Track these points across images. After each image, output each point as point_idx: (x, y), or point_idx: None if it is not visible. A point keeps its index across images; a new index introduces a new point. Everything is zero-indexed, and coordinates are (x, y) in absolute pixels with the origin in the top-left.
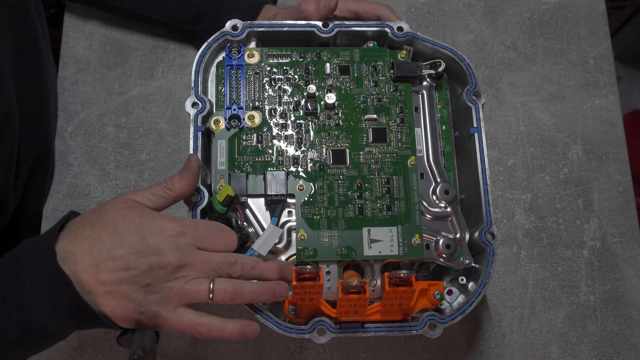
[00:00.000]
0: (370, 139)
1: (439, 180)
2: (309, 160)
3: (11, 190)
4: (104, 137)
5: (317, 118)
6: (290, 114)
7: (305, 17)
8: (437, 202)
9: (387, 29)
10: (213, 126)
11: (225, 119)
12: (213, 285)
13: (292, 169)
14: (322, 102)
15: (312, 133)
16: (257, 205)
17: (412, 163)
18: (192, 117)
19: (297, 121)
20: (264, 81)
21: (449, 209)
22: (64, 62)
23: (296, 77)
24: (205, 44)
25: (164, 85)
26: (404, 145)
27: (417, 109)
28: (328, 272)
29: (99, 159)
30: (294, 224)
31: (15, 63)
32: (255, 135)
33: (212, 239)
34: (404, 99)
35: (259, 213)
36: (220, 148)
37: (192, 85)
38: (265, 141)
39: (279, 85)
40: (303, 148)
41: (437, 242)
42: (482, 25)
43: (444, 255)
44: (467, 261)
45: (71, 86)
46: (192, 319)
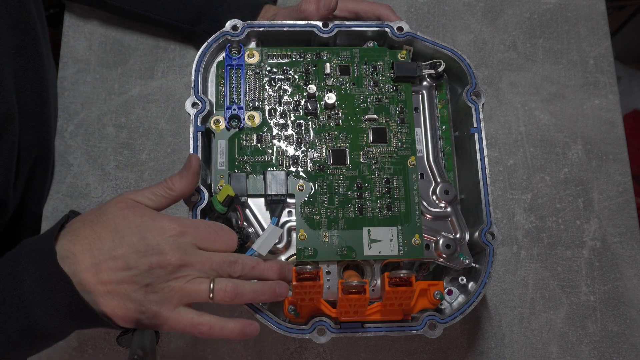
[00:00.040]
0: (370, 139)
1: (439, 180)
2: (309, 160)
3: (11, 190)
4: (104, 137)
5: (317, 118)
6: (290, 114)
7: (305, 17)
8: (437, 202)
9: (387, 29)
10: (213, 126)
11: (225, 119)
12: (213, 284)
13: (292, 169)
14: (322, 102)
15: (312, 133)
16: (257, 205)
17: (412, 163)
18: (192, 117)
19: (297, 121)
20: (264, 81)
21: (449, 209)
22: (64, 62)
23: (296, 77)
24: (205, 44)
25: (164, 85)
26: (404, 145)
27: (417, 109)
28: (328, 272)
29: (99, 159)
30: (294, 224)
31: (16, 63)
32: (255, 135)
33: (213, 239)
34: (404, 99)
35: (259, 213)
36: (220, 148)
37: (192, 85)
38: (265, 141)
39: (279, 85)
40: (303, 148)
41: (437, 242)
42: (482, 25)
43: (444, 255)
44: (467, 261)
45: (71, 86)
46: (192, 319)
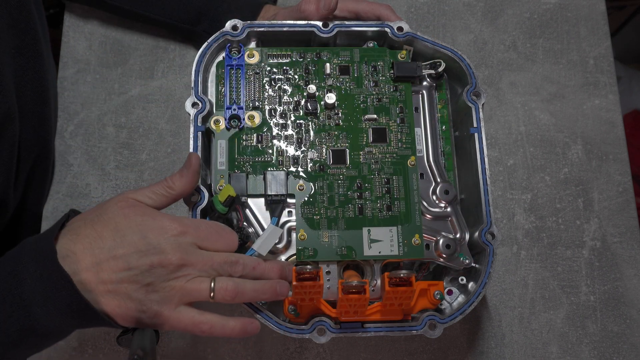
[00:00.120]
0: (370, 139)
1: (439, 180)
2: (309, 160)
3: (11, 190)
4: (104, 137)
5: (317, 118)
6: (290, 114)
7: (305, 17)
8: (437, 202)
9: (387, 29)
10: (213, 126)
11: (225, 119)
12: (214, 284)
13: (292, 169)
14: (322, 102)
15: (312, 133)
16: (257, 205)
17: (412, 163)
18: (192, 117)
19: (297, 121)
20: (264, 81)
21: (449, 209)
22: (64, 62)
23: (296, 77)
24: (205, 44)
25: (164, 85)
26: (404, 145)
27: (417, 109)
28: (328, 272)
29: (99, 159)
30: (294, 224)
31: (16, 63)
32: (255, 135)
33: (214, 239)
34: (404, 99)
35: (259, 213)
36: (220, 148)
37: (192, 85)
38: (265, 141)
39: (279, 85)
40: (303, 148)
41: (437, 242)
42: (482, 25)
43: (444, 255)
44: (467, 261)
45: (71, 86)
46: (193, 317)
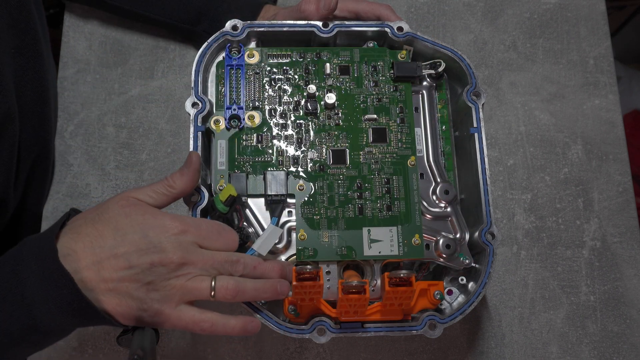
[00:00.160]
0: (370, 139)
1: (439, 180)
2: (309, 160)
3: (11, 189)
4: (104, 137)
5: (317, 118)
6: (290, 114)
7: (305, 17)
8: (437, 202)
9: (387, 29)
10: (213, 126)
11: (225, 119)
12: (215, 282)
13: (292, 169)
14: (322, 102)
15: (312, 133)
16: (257, 205)
17: (412, 163)
18: (192, 117)
19: (297, 121)
20: (264, 81)
21: (449, 209)
22: (64, 62)
23: (296, 77)
24: (205, 44)
25: (164, 85)
26: (404, 145)
27: (417, 109)
28: (328, 272)
29: (99, 159)
30: (294, 224)
31: (16, 62)
32: (255, 135)
33: (214, 238)
34: (404, 99)
35: (259, 213)
36: (220, 148)
37: (192, 85)
38: (265, 141)
39: (279, 85)
40: (303, 148)
41: (437, 242)
42: (482, 25)
43: (444, 255)
44: (467, 261)
45: (71, 86)
46: (194, 316)
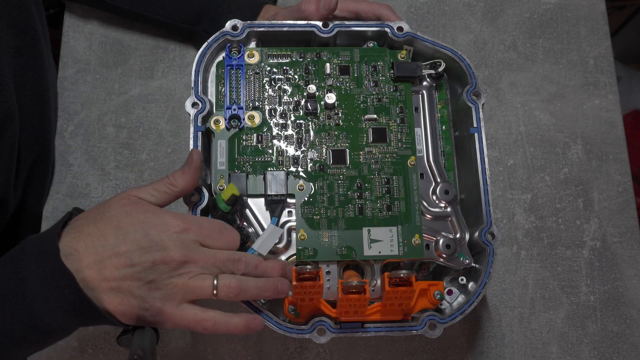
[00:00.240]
0: (370, 139)
1: (439, 180)
2: (309, 160)
3: (11, 189)
4: (104, 137)
5: (317, 118)
6: (290, 114)
7: (305, 17)
8: (437, 202)
9: (387, 29)
10: (213, 126)
11: (225, 119)
12: (217, 281)
13: (292, 169)
14: (322, 102)
15: (312, 133)
16: (257, 205)
17: (412, 163)
18: (192, 117)
19: (297, 121)
20: (264, 81)
21: (449, 209)
22: (64, 62)
23: (296, 77)
24: (205, 44)
25: (164, 85)
26: (404, 145)
27: (417, 109)
28: (328, 272)
29: (99, 159)
30: (294, 224)
31: (16, 62)
32: (255, 135)
33: (216, 236)
34: (404, 99)
35: (259, 213)
36: (220, 148)
37: (192, 85)
38: (265, 141)
39: (279, 85)
40: (303, 148)
41: (437, 242)
42: (482, 25)
43: (444, 255)
44: (467, 261)
45: (71, 86)
46: (196, 315)
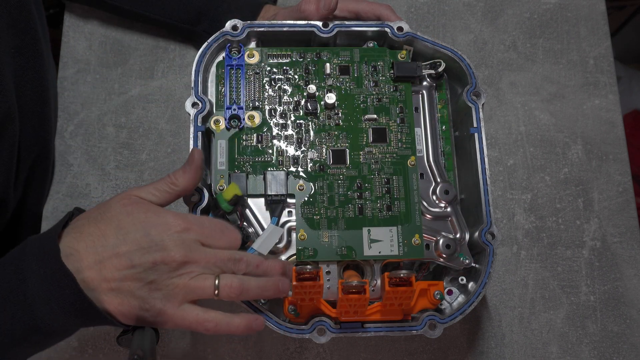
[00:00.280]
0: (370, 139)
1: (439, 180)
2: (309, 160)
3: (11, 189)
4: (104, 137)
5: (317, 118)
6: (290, 114)
7: (305, 17)
8: (437, 202)
9: (387, 29)
10: (213, 126)
11: (225, 119)
12: (218, 281)
13: (292, 169)
14: (322, 102)
15: (312, 133)
16: (257, 205)
17: (412, 163)
18: (192, 117)
19: (297, 121)
20: (264, 81)
21: (449, 209)
22: (64, 62)
23: (296, 77)
24: (205, 44)
25: (164, 85)
26: (404, 145)
27: (417, 109)
28: (328, 272)
29: (99, 159)
30: (294, 224)
31: (15, 62)
32: (255, 135)
33: (217, 236)
34: (404, 99)
35: (259, 213)
36: (220, 148)
37: (192, 85)
38: (265, 141)
39: (279, 85)
40: (303, 148)
41: (437, 242)
42: (482, 25)
43: (444, 255)
44: (467, 261)
45: (71, 86)
46: (198, 315)
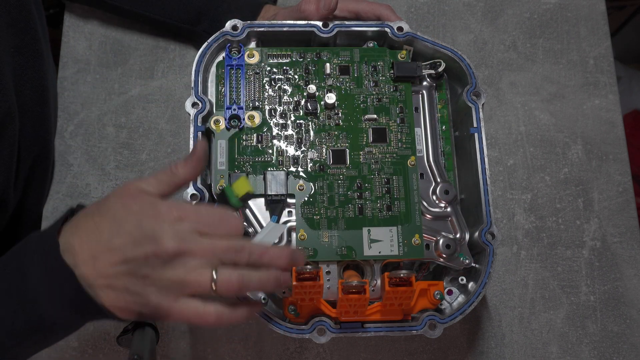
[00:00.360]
0: (370, 139)
1: (439, 180)
2: (309, 160)
3: (11, 189)
4: (104, 137)
5: (317, 118)
6: (290, 114)
7: (305, 17)
8: (437, 202)
9: (387, 29)
10: (213, 126)
11: (225, 119)
12: (216, 275)
13: (292, 169)
14: (322, 102)
15: (312, 133)
16: (257, 205)
17: (412, 163)
18: (192, 117)
19: (297, 121)
20: (264, 81)
21: (449, 209)
22: (64, 62)
23: (296, 77)
24: (205, 44)
25: (164, 85)
26: (404, 145)
27: (417, 109)
28: (328, 272)
29: (99, 159)
30: (294, 224)
31: (15, 62)
32: (255, 135)
33: (216, 224)
34: (404, 99)
35: (259, 213)
36: (220, 148)
37: (192, 85)
38: (265, 141)
39: (279, 85)
40: (303, 148)
41: (437, 242)
42: (482, 25)
43: (444, 255)
44: (467, 261)
45: (71, 86)
46: (197, 308)
